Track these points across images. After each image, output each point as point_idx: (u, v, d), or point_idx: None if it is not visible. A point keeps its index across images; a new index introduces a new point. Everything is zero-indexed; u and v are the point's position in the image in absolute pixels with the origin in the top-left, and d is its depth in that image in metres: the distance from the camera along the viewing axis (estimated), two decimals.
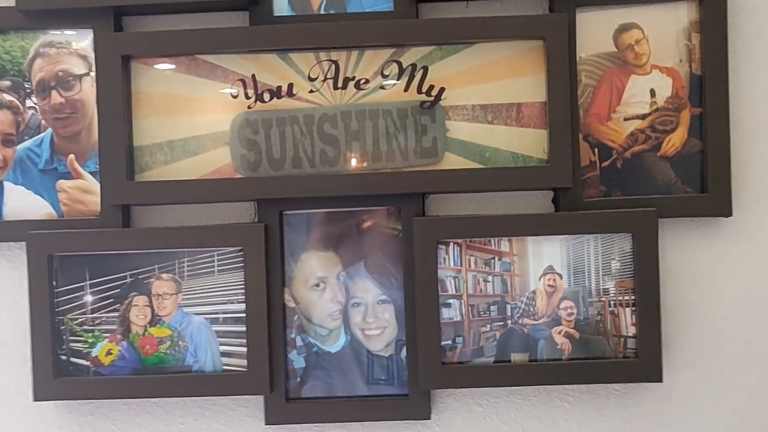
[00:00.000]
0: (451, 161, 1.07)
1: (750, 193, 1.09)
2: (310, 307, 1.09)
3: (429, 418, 1.09)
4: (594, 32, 1.08)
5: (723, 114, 1.07)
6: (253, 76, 1.07)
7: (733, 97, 1.08)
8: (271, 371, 1.07)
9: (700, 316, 1.10)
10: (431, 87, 1.07)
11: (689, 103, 1.08)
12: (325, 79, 1.07)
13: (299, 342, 1.09)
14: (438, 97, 1.07)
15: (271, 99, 1.08)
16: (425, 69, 1.07)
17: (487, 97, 1.07)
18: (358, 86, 1.07)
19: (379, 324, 1.09)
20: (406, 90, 1.07)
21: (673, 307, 1.09)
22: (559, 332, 1.07)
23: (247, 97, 1.08)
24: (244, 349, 1.07)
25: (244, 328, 1.07)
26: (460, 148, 1.07)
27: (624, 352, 1.06)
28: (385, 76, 1.07)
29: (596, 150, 1.08)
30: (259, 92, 1.08)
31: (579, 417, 1.10)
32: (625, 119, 1.08)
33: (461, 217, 1.07)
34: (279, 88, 1.07)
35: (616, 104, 1.08)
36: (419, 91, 1.07)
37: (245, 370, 1.07)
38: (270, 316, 1.07)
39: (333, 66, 1.07)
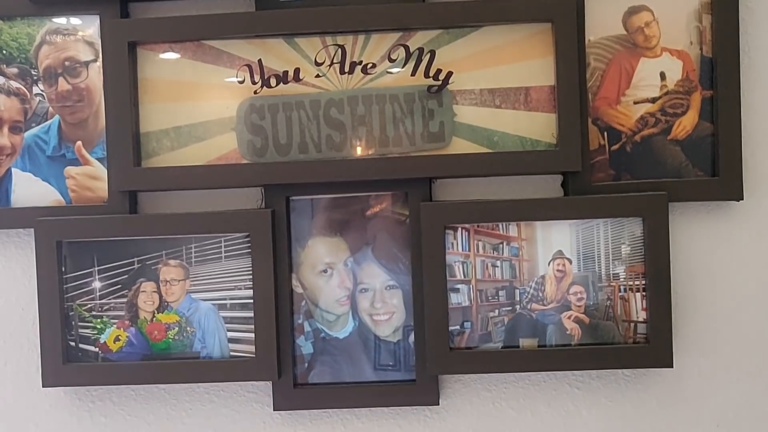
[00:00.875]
0: (459, 146, 1.06)
1: (762, 177, 1.08)
2: (318, 293, 1.09)
3: (437, 404, 1.08)
4: (603, 15, 1.07)
5: (734, 97, 1.06)
6: (260, 61, 1.07)
7: (744, 79, 1.07)
8: (279, 357, 1.07)
9: (710, 300, 1.09)
10: (438, 71, 1.06)
11: (700, 86, 1.07)
12: (332, 63, 1.07)
13: (307, 328, 1.09)
14: (445, 81, 1.06)
15: (277, 84, 1.07)
16: (432, 53, 1.06)
17: (494, 80, 1.06)
18: (364, 71, 1.06)
19: (386, 309, 1.08)
20: (413, 74, 1.06)
21: (683, 291, 1.08)
22: (569, 317, 1.06)
23: (254, 83, 1.07)
24: (252, 335, 1.06)
25: (251, 314, 1.07)
26: (467, 133, 1.06)
27: (634, 338, 1.05)
28: (392, 61, 1.06)
29: (605, 133, 1.07)
30: (265, 77, 1.07)
31: (589, 402, 1.10)
32: (635, 102, 1.07)
33: (469, 201, 1.06)
34: (285, 73, 1.07)
35: (626, 87, 1.07)
36: (426, 76, 1.06)
37: (253, 356, 1.06)
38: (277, 301, 1.07)
39: (339, 50, 1.06)
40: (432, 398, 1.08)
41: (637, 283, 1.05)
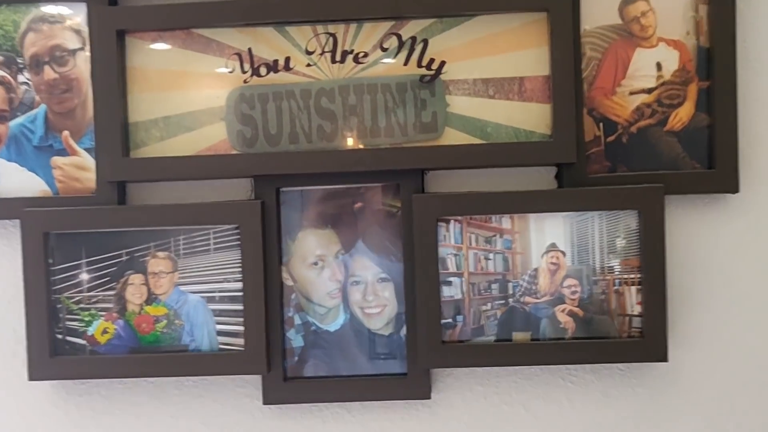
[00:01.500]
0: (452, 137, 1.04)
1: (758, 169, 1.07)
2: (309, 286, 1.08)
3: (429, 398, 1.07)
4: (599, 4, 1.05)
5: (731, 88, 1.04)
6: (250, 50, 1.05)
7: (741, 70, 1.05)
8: (269, 350, 1.05)
9: (706, 293, 1.08)
10: (431, 60, 1.04)
11: (696, 77, 1.06)
12: (323, 52, 1.05)
13: (297, 321, 1.08)
14: (438, 71, 1.04)
15: (267, 73, 1.05)
16: (425, 42, 1.04)
17: (488, 70, 1.04)
18: (356, 60, 1.05)
19: (378, 302, 1.07)
20: (405, 64, 1.05)
21: (678, 285, 1.07)
22: (563, 311, 1.04)
23: (243, 72, 1.05)
24: (241, 328, 1.05)
25: (241, 307, 1.05)
26: (460, 123, 1.05)
27: (629, 332, 1.04)
28: (384, 50, 1.05)
29: (601, 125, 1.06)
30: (255, 66, 1.05)
31: (582, 396, 1.08)
32: (631, 93, 1.06)
33: (462, 193, 1.05)
34: (276, 62, 1.05)
35: (622, 78, 1.06)
36: (419, 65, 1.04)
37: (242, 349, 1.05)
38: (267, 294, 1.05)
39: (331, 39, 1.05)
40: (424, 392, 1.07)
41: (632, 276, 1.04)
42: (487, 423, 1.09)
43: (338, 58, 1.05)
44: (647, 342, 1.03)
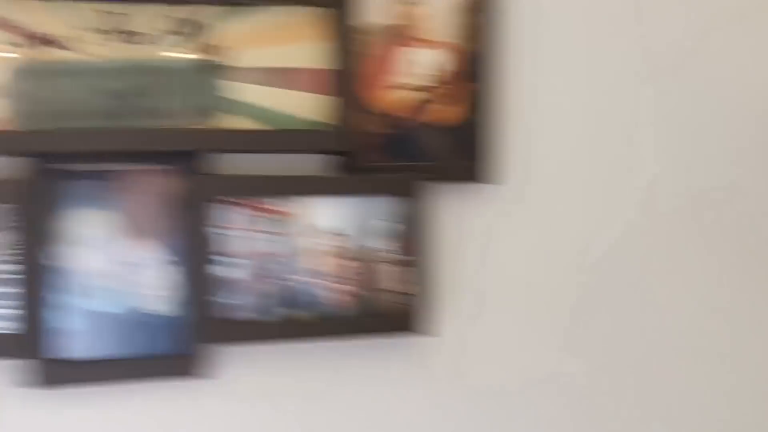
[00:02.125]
0: (231, 122, 1.07)
1: (516, 163, 1.20)
2: (84, 268, 1.06)
3: (209, 377, 1.09)
4: (373, 2, 1.11)
5: (496, 89, 1.15)
6: (27, 24, 1.03)
7: (509, 72, 1.17)
8: (40, 333, 1.03)
9: (468, 274, 1.20)
10: (214, 47, 1.07)
11: (465, 78, 1.16)
12: (105, 31, 1.05)
13: (72, 303, 1.06)
14: (220, 57, 1.07)
15: (46, 49, 1.03)
16: (207, 28, 1.07)
17: (269, 60, 1.08)
18: (138, 41, 1.05)
19: (157, 284, 1.08)
20: (188, 48, 1.06)
21: (444, 265, 1.18)
22: (337, 290, 1.11)
23: (22, 47, 1.03)
24: (12, 311, 1.02)
25: (13, 290, 1.02)
26: (240, 109, 1.07)
27: (398, 308, 1.13)
28: (167, 33, 1.06)
29: (376, 118, 1.13)
30: (33, 42, 1.03)
31: (356, 371, 1.16)
32: (404, 89, 1.14)
33: (238, 176, 1.08)
34: (55, 38, 1.04)
35: (395, 75, 1.13)
36: (201, 51, 1.07)
37: (14, 332, 1.02)
38: (39, 276, 1.03)
39: (112, 18, 1.05)
40: (203, 371, 1.09)
41: (399, 257, 1.12)
42: (269, 399, 1.13)
43: (120, 38, 1.05)
44: (413, 318, 1.12)
